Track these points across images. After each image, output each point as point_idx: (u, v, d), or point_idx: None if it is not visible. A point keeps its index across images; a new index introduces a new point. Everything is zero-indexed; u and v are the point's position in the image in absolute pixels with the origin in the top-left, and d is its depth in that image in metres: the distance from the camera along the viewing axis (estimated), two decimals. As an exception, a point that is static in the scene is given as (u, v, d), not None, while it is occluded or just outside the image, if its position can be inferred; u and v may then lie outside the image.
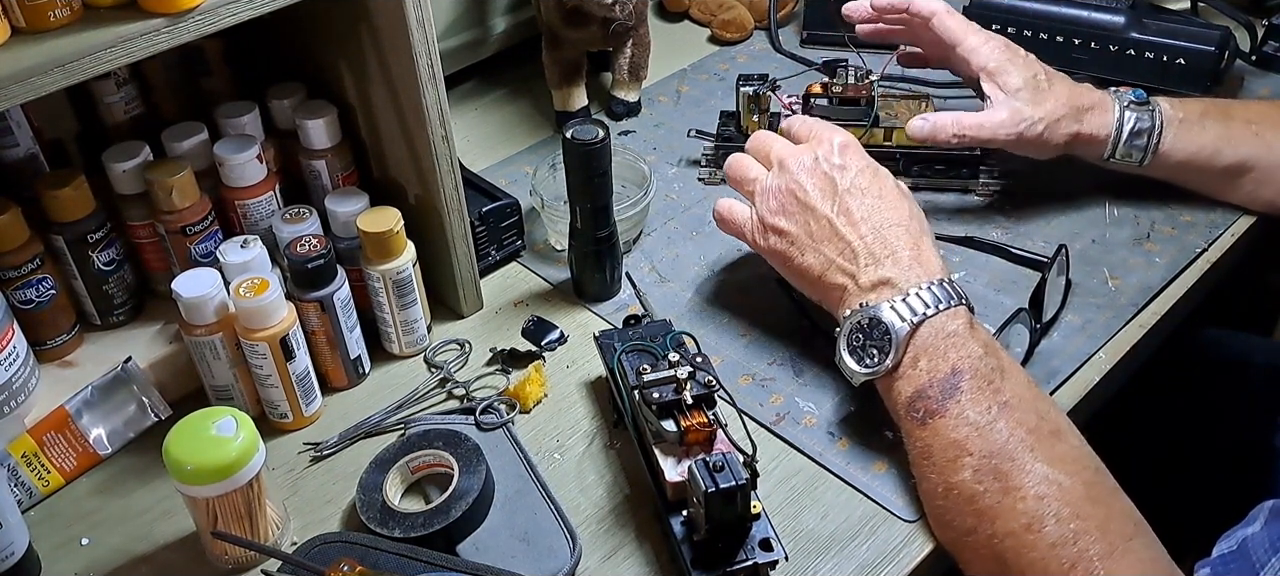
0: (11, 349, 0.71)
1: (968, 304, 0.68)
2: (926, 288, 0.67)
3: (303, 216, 0.78)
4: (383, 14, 0.70)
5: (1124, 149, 0.86)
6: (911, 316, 0.66)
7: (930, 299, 0.66)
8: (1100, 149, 0.86)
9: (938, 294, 0.67)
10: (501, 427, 0.74)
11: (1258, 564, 0.52)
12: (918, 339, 0.66)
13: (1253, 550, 0.53)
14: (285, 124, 0.83)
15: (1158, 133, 0.85)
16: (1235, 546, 0.54)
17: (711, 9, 1.24)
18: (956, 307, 0.66)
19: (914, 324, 0.66)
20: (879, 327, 0.67)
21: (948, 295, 0.67)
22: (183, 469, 0.61)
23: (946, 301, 0.66)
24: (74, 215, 0.74)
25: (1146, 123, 0.85)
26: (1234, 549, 0.54)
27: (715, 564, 0.60)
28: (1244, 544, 0.53)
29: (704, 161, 0.99)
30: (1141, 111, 0.85)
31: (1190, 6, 1.15)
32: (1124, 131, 0.85)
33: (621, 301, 0.86)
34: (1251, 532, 0.53)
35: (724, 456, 0.60)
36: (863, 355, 0.68)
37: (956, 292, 0.67)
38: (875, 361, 0.67)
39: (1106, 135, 0.85)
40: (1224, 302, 0.97)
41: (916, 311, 0.66)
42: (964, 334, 0.65)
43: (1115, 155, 0.86)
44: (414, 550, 0.63)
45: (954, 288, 0.67)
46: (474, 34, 1.11)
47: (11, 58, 0.54)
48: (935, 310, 0.66)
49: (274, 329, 0.71)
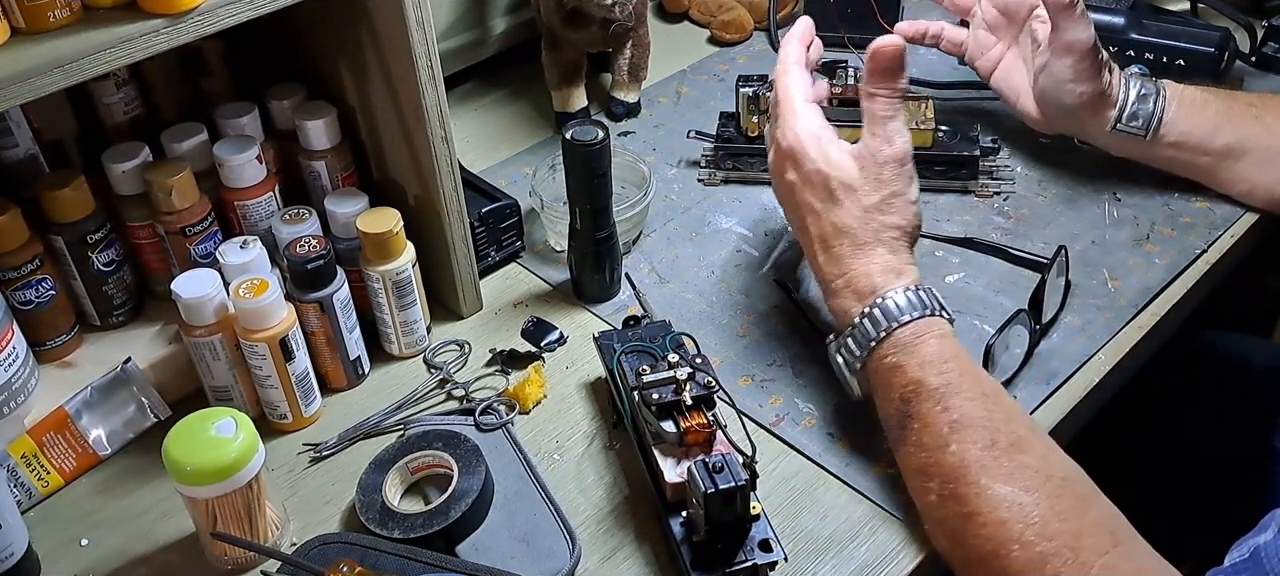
0: (11, 349, 0.71)
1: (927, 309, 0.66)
2: (864, 317, 0.66)
3: (302, 217, 0.78)
4: (383, 15, 0.70)
5: (1130, 112, 0.86)
6: (853, 360, 0.68)
7: (870, 334, 0.66)
8: (1109, 112, 0.86)
9: (867, 330, 0.66)
10: (501, 428, 0.74)
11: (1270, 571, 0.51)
12: (868, 374, 0.67)
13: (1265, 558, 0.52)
14: (285, 124, 0.83)
15: (1162, 102, 0.86)
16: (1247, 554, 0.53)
17: (711, 10, 1.24)
18: (895, 332, 0.65)
19: (856, 368, 0.68)
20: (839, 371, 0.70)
21: (879, 325, 0.66)
22: (182, 469, 0.61)
23: (881, 330, 0.65)
24: (74, 216, 0.74)
25: (1151, 90, 0.86)
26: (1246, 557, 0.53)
27: (715, 564, 0.60)
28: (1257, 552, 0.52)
29: (704, 162, 0.99)
30: (1146, 82, 0.86)
31: (1190, 7, 1.15)
32: (1130, 95, 0.86)
33: (621, 302, 0.86)
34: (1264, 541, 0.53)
35: (723, 457, 0.60)
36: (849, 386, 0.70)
37: (889, 314, 0.66)
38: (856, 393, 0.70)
39: (1116, 97, 0.86)
40: (1224, 303, 0.97)
41: (856, 354, 0.67)
42: (905, 361, 0.64)
43: (1122, 121, 0.86)
44: (413, 551, 0.63)
45: (893, 305, 0.66)
46: (474, 35, 1.11)
47: (11, 58, 0.54)
48: (873, 343, 0.66)
49: (273, 329, 0.71)
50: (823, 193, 0.70)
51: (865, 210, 0.68)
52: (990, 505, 0.58)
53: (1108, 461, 0.63)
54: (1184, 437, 1.03)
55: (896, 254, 0.68)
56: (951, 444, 0.61)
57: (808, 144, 0.71)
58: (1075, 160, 0.97)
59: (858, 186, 0.69)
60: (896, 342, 0.65)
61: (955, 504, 0.60)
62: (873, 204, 0.68)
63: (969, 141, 0.93)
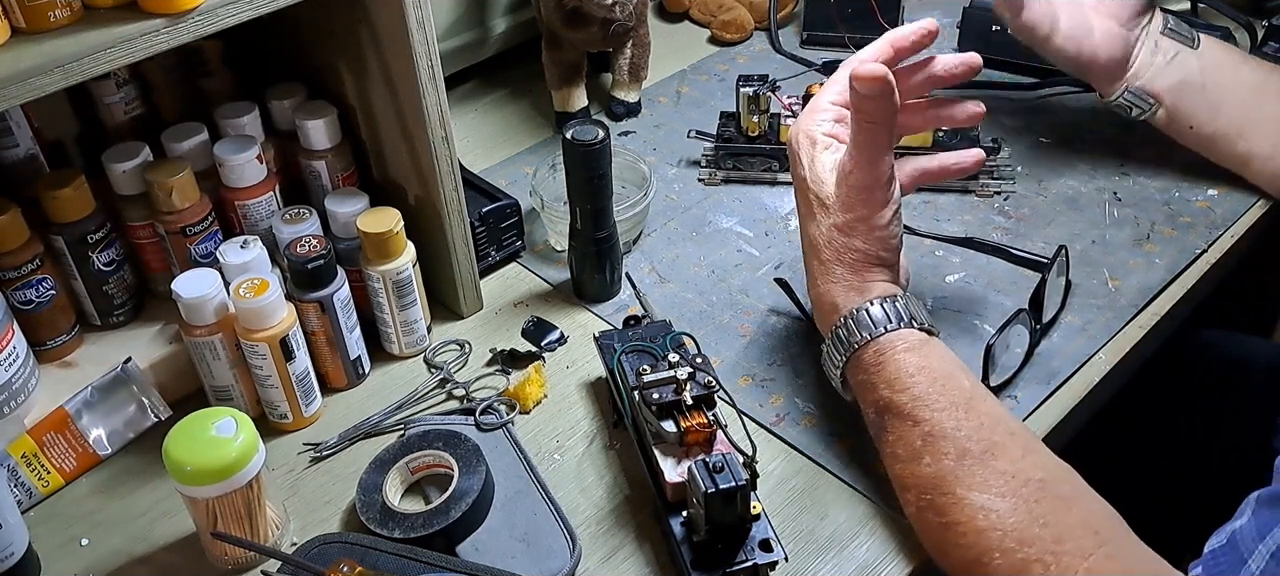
0: (11, 349, 0.71)
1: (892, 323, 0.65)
2: (831, 336, 0.68)
3: (302, 217, 0.78)
4: (383, 15, 0.70)
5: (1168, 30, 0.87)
6: (835, 373, 0.68)
7: (838, 353, 0.67)
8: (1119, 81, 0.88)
9: (836, 348, 0.67)
10: (501, 428, 0.74)
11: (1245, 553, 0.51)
12: (847, 384, 0.68)
13: (1241, 542, 0.52)
14: (285, 124, 0.83)
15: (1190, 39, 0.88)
16: (1224, 540, 0.53)
17: (711, 9, 1.24)
18: (857, 352, 0.66)
19: (839, 381, 0.69)
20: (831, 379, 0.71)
21: (845, 341, 0.66)
22: (182, 469, 0.61)
23: (846, 349, 0.66)
24: (74, 215, 0.74)
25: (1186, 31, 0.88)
26: (1223, 543, 0.53)
27: (715, 564, 0.60)
28: (1233, 537, 0.53)
29: (704, 162, 0.99)
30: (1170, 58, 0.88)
31: (1190, 7, 1.15)
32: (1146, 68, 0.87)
33: (621, 302, 0.86)
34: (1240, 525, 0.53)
35: (724, 457, 0.60)
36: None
37: (856, 328, 0.66)
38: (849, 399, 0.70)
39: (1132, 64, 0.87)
40: (1224, 303, 0.97)
41: (835, 366, 0.68)
42: (872, 379, 0.65)
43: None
44: (414, 551, 0.63)
45: (852, 323, 0.66)
46: (474, 34, 1.11)
47: (11, 58, 0.54)
48: (845, 359, 0.67)
49: (274, 329, 0.71)
50: (805, 203, 0.70)
51: (832, 228, 0.68)
52: (967, 514, 0.58)
53: (1108, 461, 0.63)
54: (1184, 437, 1.03)
55: (858, 274, 0.67)
56: (925, 457, 0.61)
57: (801, 149, 0.70)
58: (1075, 160, 0.97)
59: (830, 204, 0.68)
60: (860, 362, 0.66)
61: (934, 514, 0.60)
62: (838, 224, 0.67)
63: (969, 141, 0.93)
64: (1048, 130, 1.02)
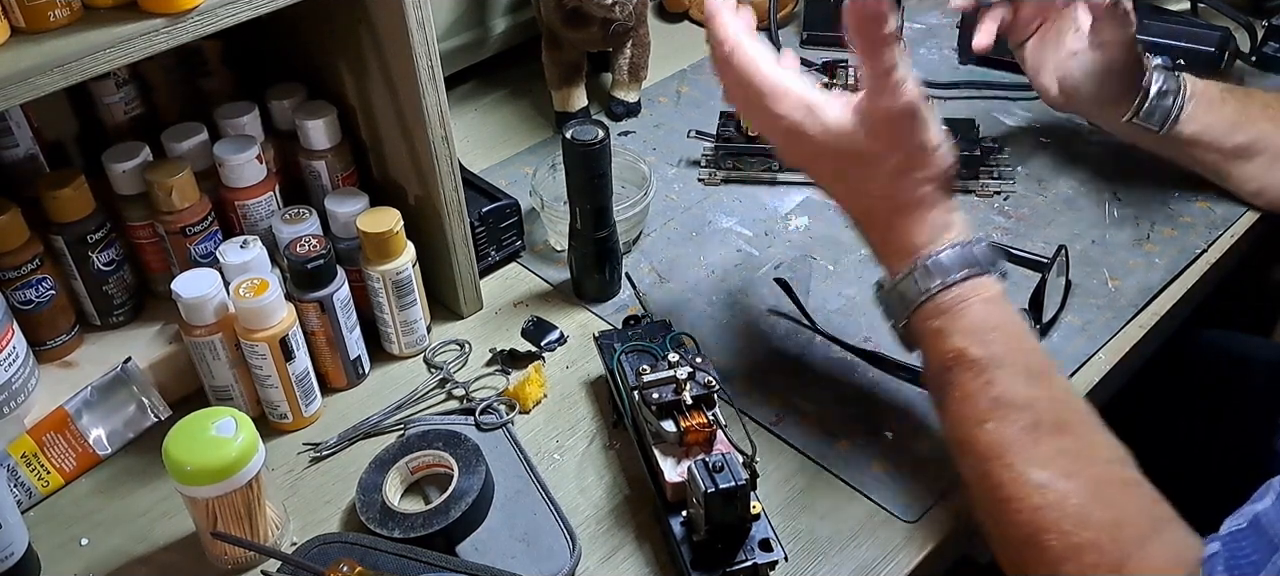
0: (11, 349, 0.71)
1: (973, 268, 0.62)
2: (902, 278, 0.63)
3: (302, 217, 0.78)
4: (383, 15, 0.70)
5: (1149, 107, 0.86)
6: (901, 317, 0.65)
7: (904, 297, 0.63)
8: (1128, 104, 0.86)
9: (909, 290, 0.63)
10: (501, 428, 0.74)
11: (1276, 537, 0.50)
12: (912, 333, 0.65)
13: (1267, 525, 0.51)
14: (285, 124, 0.83)
15: (1181, 99, 0.85)
16: (1245, 523, 0.52)
17: (711, 9, 1.23)
18: (937, 295, 0.62)
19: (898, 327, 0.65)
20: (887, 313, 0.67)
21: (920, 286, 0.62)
22: (182, 469, 0.61)
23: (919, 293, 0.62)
24: (74, 215, 0.74)
25: (1172, 87, 0.85)
26: (1244, 526, 0.52)
27: (715, 564, 0.60)
28: (1256, 519, 0.51)
29: (704, 162, 0.99)
30: (1168, 75, 0.86)
31: (1190, 7, 1.15)
32: (1152, 88, 0.85)
33: (621, 302, 0.86)
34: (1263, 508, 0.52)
35: (723, 457, 0.60)
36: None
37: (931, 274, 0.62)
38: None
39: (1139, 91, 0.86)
40: (1224, 303, 0.97)
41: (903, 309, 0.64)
42: (947, 326, 0.61)
43: (1140, 113, 0.86)
44: (414, 550, 0.63)
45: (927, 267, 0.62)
46: (474, 34, 1.11)
47: (11, 58, 0.54)
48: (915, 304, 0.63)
49: (274, 329, 0.71)
50: (835, 165, 0.65)
51: (893, 173, 0.63)
52: (1028, 490, 0.56)
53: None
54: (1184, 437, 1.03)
55: (936, 207, 0.63)
56: (989, 421, 0.58)
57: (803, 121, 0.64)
58: (1075, 160, 0.97)
59: (875, 151, 0.63)
60: (938, 306, 0.62)
61: (991, 486, 0.58)
62: (899, 164, 0.63)
63: (969, 141, 0.93)
64: (1048, 130, 1.02)
